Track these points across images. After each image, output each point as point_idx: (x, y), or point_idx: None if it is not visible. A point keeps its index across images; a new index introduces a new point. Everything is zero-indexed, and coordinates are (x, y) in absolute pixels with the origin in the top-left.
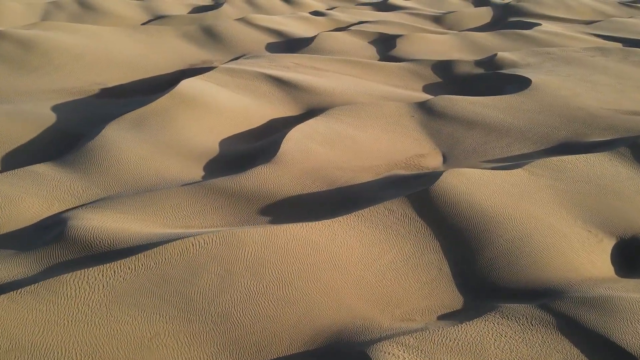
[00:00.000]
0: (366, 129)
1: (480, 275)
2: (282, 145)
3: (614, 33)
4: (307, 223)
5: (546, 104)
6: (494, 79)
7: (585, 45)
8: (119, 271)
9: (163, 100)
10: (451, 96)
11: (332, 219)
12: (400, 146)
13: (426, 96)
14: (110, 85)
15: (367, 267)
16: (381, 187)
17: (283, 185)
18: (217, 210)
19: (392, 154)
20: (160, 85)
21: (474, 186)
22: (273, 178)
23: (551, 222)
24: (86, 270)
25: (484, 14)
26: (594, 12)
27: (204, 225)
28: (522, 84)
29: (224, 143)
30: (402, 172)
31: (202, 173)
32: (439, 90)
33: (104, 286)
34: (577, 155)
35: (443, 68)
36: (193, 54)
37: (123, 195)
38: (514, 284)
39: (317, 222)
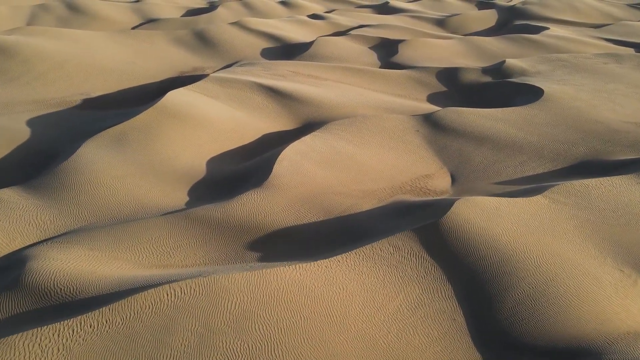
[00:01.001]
0: (367, 146)
1: (501, 327)
2: (275, 167)
3: (625, 37)
4: (300, 264)
5: (561, 116)
6: (503, 88)
7: (597, 51)
8: (79, 330)
9: (146, 115)
10: (458, 108)
11: (329, 259)
12: (404, 165)
13: (431, 107)
14: (94, 95)
15: (369, 318)
16: (385, 217)
17: (275, 215)
18: (201, 245)
19: (396, 175)
20: (148, 94)
21: (489, 218)
22: (264, 206)
23: (578, 260)
24: (39, 329)
25: (489, 17)
26: (602, 15)
27: (185, 263)
28: (533, 94)
29: (211, 162)
30: (408, 197)
31: (186, 198)
32: (445, 100)
33: (59, 349)
34: (602, 179)
35: (448, 76)
36: (184, 60)
37: (95, 227)
38: (539, 339)
39: (312, 263)
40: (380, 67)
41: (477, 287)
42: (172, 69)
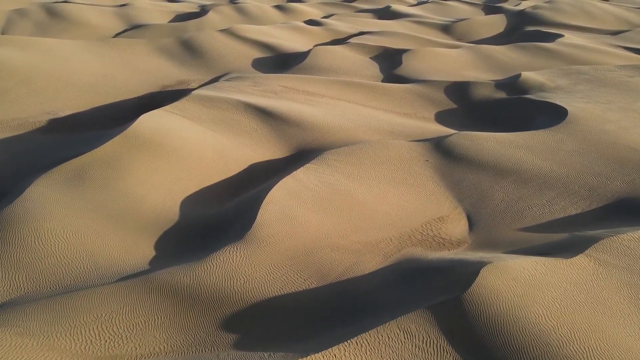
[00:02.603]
0: (370, 181)
1: None
2: (260, 212)
3: None
4: None
5: (590, 142)
6: (520, 106)
7: (618, 62)
8: None
9: (112, 145)
10: (473, 133)
11: (323, 352)
12: (413, 206)
13: (440, 127)
14: (62, 114)
15: None
16: (392, 283)
17: (257, 280)
18: (162, 324)
19: (403, 219)
20: (124, 112)
21: (524, 291)
22: (244, 267)
23: (639, 348)
24: None
25: (497, 23)
26: (617, 21)
27: (139, 352)
28: (556, 114)
29: (186, 203)
30: (419, 250)
31: (151, 253)
32: (455, 119)
33: None
34: None
35: (458, 91)
36: (168, 72)
37: (32, 299)
38: None
39: None
40: (382, 80)
41: None
42: (154, 83)
